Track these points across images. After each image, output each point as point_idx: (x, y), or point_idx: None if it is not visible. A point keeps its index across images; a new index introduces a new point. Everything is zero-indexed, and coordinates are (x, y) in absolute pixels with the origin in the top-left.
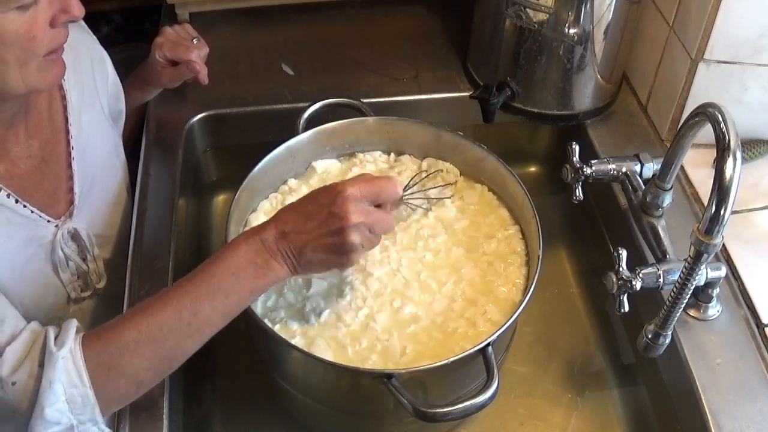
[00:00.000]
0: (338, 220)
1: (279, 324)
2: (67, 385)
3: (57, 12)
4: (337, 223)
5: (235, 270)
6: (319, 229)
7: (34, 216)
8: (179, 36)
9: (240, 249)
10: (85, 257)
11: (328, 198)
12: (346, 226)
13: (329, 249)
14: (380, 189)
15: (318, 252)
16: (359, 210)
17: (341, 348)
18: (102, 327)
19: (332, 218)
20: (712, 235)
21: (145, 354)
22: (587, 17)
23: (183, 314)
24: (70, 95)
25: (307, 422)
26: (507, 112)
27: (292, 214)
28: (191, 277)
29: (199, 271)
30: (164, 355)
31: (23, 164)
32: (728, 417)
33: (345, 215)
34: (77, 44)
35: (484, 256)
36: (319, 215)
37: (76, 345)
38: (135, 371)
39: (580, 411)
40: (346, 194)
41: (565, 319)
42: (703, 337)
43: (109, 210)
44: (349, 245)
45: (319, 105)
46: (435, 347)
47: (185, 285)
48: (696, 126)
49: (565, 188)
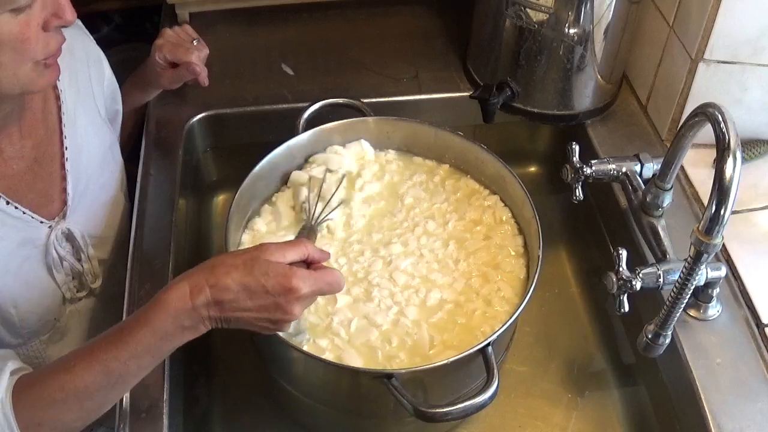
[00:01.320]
0: (282, 313)
1: (306, 345)
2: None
3: (49, 16)
4: (280, 315)
5: (163, 335)
6: (257, 312)
7: (26, 217)
8: (179, 37)
9: (169, 314)
10: (79, 258)
11: (279, 288)
12: (288, 320)
13: (260, 327)
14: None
15: (252, 325)
16: (304, 305)
17: (371, 351)
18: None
19: (276, 310)
20: (712, 235)
21: (73, 409)
22: (587, 17)
23: (110, 377)
24: (64, 96)
25: (307, 422)
26: (507, 112)
27: (232, 284)
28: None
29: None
30: (92, 408)
31: (15, 165)
32: (728, 417)
33: (291, 311)
34: (73, 45)
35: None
36: (263, 299)
37: (7, 397)
38: (64, 422)
39: (580, 411)
40: (298, 295)
41: (565, 319)
42: (703, 337)
43: (104, 210)
44: (284, 326)
45: (319, 105)
46: (460, 333)
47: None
48: (696, 126)
49: (565, 188)
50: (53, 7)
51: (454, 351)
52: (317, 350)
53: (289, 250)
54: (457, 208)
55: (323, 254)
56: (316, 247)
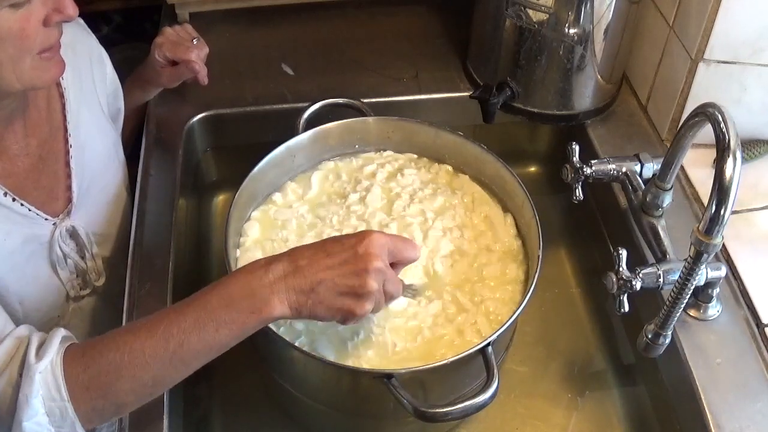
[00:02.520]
0: (363, 261)
1: (284, 327)
2: (46, 398)
3: (50, 11)
4: (361, 263)
5: (230, 301)
6: (340, 268)
7: (31, 214)
8: (179, 36)
9: (240, 278)
10: (83, 255)
11: (354, 239)
12: (370, 268)
13: (346, 291)
14: (403, 248)
15: (332, 292)
16: (383, 258)
17: (342, 343)
18: (88, 342)
19: (357, 258)
20: (712, 235)
21: (126, 378)
22: (587, 17)
23: (169, 343)
24: (68, 93)
25: (307, 422)
26: (507, 112)
27: (309, 250)
28: (185, 303)
29: (195, 297)
30: (146, 382)
31: (21, 162)
32: (728, 417)
33: (371, 258)
34: (75, 42)
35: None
36: (342, 254)
37: (57, 358)
38: (115, 393)
39: (580, 411)
40: (373, 237)
41: (565, 319)
42: (703, 337)
43: (108, 208)
44: (368, 290)
45: (319, 105)
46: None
47: (177, 311)
48: (696, 126)
49: (565, 188)
50: (54, 2)
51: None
52: (293, 333)
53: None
54: (456, 207)
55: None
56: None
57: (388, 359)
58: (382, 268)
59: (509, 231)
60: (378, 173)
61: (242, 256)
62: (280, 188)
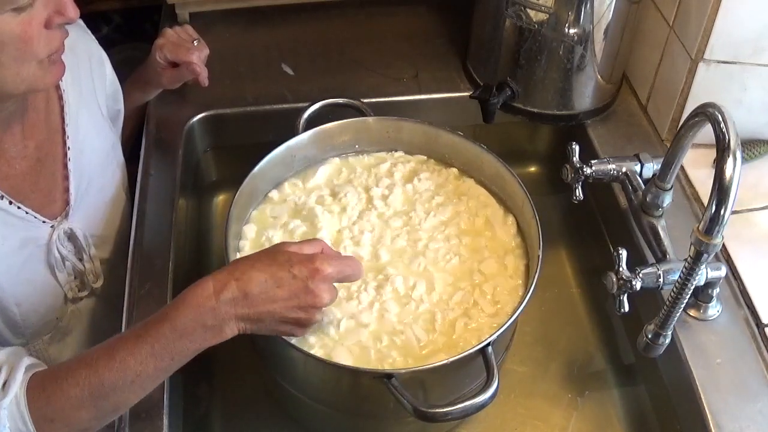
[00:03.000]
0: (312, 297)
1: (295, 340)
2: (13, 429)
3: (52, 14)
4: (310, 300)
5: (183, 332)
6: (288, 301)
7: (29, 217)
8: (180, 37)
9: (190, 309)
10: (81, 257)
11: (305, 272)
12: (318, 304)
13: (292, 321)
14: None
15: (278, 321)
16: (331, 290)
17: (363, 350)
18: (48, 374)
19: (307, 294)
20: (712, 235)
21: (88, 408)
22: (587, 17)
23: (127, 374)
24: (67, 95)
25: (307, 422)
26: (507, 112)
27: (259, 275)
28: (138, 334)
29: (148, 327)
30: (107, 409)
31: (18, 165)
32: (728, 417)
33: (320, 294)
34: (75, 44)
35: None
36: (292, 286)
37: (21, 391)
38: (79, 421)
39: (580, 411)
40: (325, 274)
41: (565, 319)
42: (703, 337)
43: (106, 210)
44: (312, 321)
45: (319, 105)
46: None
47: (132, 343)
48: (696, 126)
49: (565, 188)
50: (56, 4)
51: (451, 351)
52: (306, 345)
53: (305, 245)
54: (456, 207)
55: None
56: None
57: (415, 357)
58: (328, 300)
59: (509, 231)
60: (395, 173)
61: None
62: (279, 185)
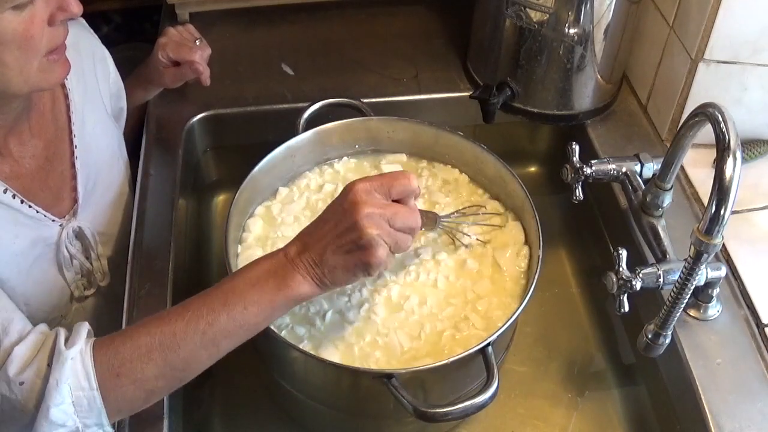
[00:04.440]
0: (351, 214)
1: (285, 330)
2: (74, 387)
3: (54, 10)
4: (350, 217)
5: (255, 281)
6: (335, 229)
7: (39, 216)
8: (182, 36)
9: (261, 262)
10: (89, 256)
11: (341, 198)
12: (359, 218)
13: (349, 248)
14: (392, 181)
15: (338, 255)
16: (372, 202)
17: (348, 347)
18: (116, 332)
19: (345, 214)
20: (712, 235)
21: (156, 361)
22: (587, 17)
23: (199, 323)
24: (73, 94)
25: (307, 422)
26: (507, 112)
27: (311, 225)
28: (211, 289)
29: (220, 284)
30: (176, 365)
31: (27, 164)
32: (728, 417)
33: (357, 207)
34: (78, 42)
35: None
36: (334, 216)
37: (86, 347)
38: (145, 378)
39: (580, 411)
40: (355, 188)
41: (565, 319)
42: (703, 337)
43: (112, 208)
44: (367, 239)
45: (319, 105)
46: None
47: (204, 295)
48: (696, 126)
49: (565, 188)
50: (58, 0)
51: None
52: (295, 338)
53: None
54: (456, 207)
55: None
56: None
57: (397, 359)
58: (374, 212)
59: (509, 231)
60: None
61: (243, 253)
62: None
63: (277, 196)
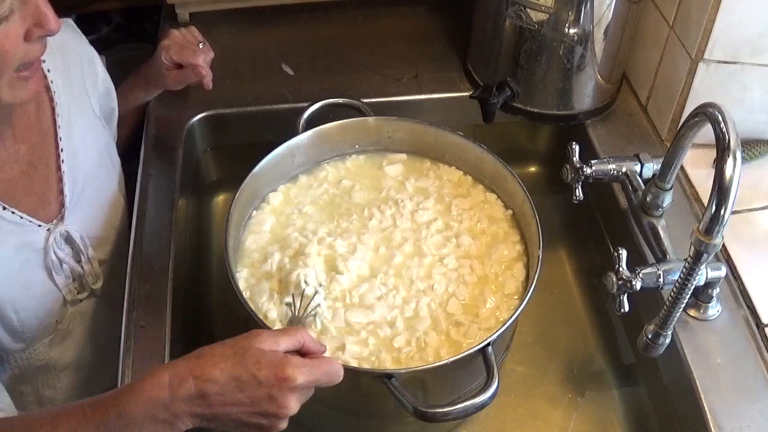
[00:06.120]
0: (276, 406)
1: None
2: None
3: (31, 26)
4: (273, 409)
5: (131, 422)
6: (249, 407)
7: (23, 221)
8: (185, 39)
9: (142, 400)
10: (79, 259)
11: (272, 378)
12: (281, 415)
13: (252, 426)
14: (327, 378)
15: (237, 425)
16: (301, 398)
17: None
18: None
19: (270, 402)
20: (712, 235)
21: None
22: (587, 17)
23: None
24: (58, 97)
25: (307, 422)
26: (507, 112)
27: (220, 375)
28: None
29: (95, 410)
30: None
31: (10, 169)
32: (728, 417)
33: (285, 404)
34: (65, 46)
35: (481, 255)
36: (254, 391)
37: None
38: None
39: (580, 411)
40: (293, 385)
41: (565, 319)
42: (703, 337)
43: (102, 210)
44: (285, 414)
45: (319, 105)
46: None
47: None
48: (696, 126)
49: (565, 188)
50: (35, 16)
51: (452, 351)
52: None
53: (283, 337)
54: (456, 207)
55: (319, 346)
56: (312, 337)
57: (397, 359)
58: (294, 410)
59: (509, 231)
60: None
61: (256, 217)
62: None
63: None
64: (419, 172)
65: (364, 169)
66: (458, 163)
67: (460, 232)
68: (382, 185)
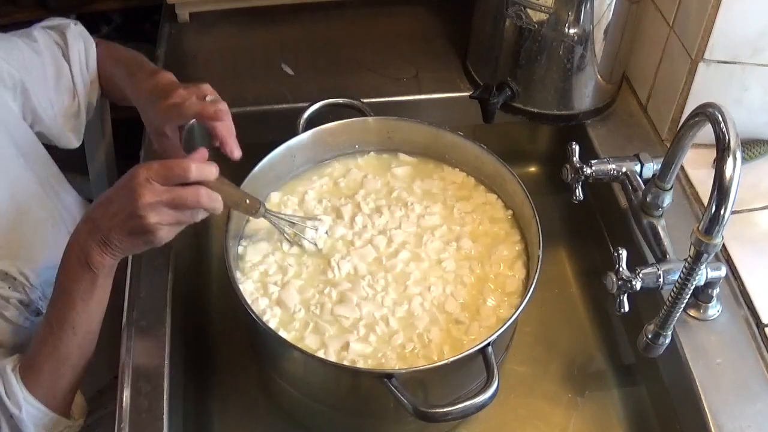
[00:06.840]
0: (132, 202)
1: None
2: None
3: None
4: (132, 205)
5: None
6: (119, 215)
7: None
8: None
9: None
10: (24, 288)
11: (125, 180)
12: (139, 208)
13: (132, 231)
14: (168, 171)
15: (123, 235)
16: (152, 190)
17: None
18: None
19: (128, 202)
20: (712, 235)
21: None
22: (587, 17)
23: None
24: None
25: (307, 422)
26: (507, 112)
27: (100, 203)
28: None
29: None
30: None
31: None
32: (728, 417)
33: (137, 197)
34: None
35: (481, 255)
36: (118, 199)
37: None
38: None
39: (580, 411)
40: (136, 177)
41: (565, 319)
42: (703, 337)
43: (35, 237)
44: (148, 227)
45: (319, 105)
46: (458, 333)
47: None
48: (696, 126)
49: (565, 188)
50: None
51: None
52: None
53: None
54: (456, 207)
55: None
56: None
57: (397, 359)
58: (152, 202)
59: (509, 231)
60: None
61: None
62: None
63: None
64: (425, 174)
65: (372, 168)
66: (459, 164)
67: (461, 235)
68: (391, 186)
